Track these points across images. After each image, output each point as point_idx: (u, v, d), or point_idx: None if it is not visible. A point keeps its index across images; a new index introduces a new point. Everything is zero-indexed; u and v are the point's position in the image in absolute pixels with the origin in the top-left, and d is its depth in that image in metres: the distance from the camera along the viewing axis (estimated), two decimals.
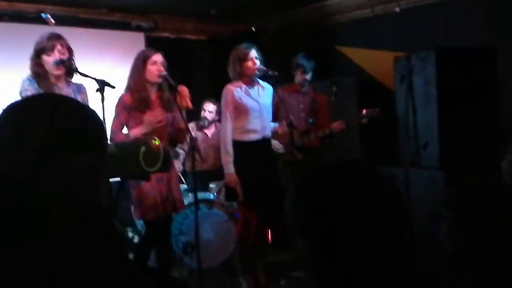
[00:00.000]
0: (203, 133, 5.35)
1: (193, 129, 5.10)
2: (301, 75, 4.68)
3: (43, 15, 4.94)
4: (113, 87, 3.23)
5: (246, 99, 4.03)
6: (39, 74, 3.30)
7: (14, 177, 0.89)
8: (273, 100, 4.25)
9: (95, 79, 3.22)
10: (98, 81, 3.20)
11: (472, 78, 4.09)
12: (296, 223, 1.05)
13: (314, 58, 4.77)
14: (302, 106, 4.72)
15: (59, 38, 3.35)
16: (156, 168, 3.19)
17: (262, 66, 4.01)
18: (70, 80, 3.43)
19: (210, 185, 5.03)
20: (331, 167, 1.10)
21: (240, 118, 4.02)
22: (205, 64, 6.64)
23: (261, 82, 4.12)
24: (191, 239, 4.28)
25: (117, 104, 3.62)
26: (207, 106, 5.33)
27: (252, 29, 6.38)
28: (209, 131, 5.38)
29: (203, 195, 4.72)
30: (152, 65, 3.60)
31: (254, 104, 4.05)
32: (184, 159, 5.24)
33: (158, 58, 3.63)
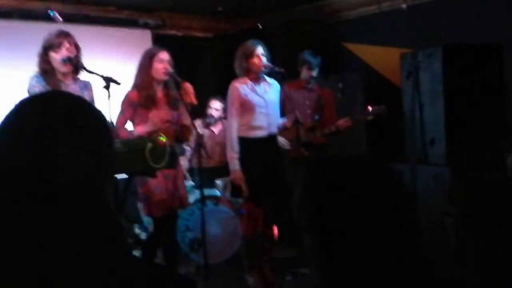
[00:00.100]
0: (210, 130, 5.36)
1: (199, 126, 5.11)
2: (307, 72, 4.67)
3: (51, 13, 4.95)
4: (118, 84, 3.25)
5: (252, 96, 4.03)
6: (47, 71, 3.32)
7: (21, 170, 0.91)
8: (280, 96, 4.25)
9: (102, 76, 3.24)
10: (104, 78, 3.22)
11: (478, 74, 4.09)
12: (303, 219, 1.06)
13: (320, 55, 4.77)
14: (308, 103, 4.71)
15: (67, 35, 3.36)
16: (162, 164, 3.21)
17: (269, 63, 4.01)
18: (77, 77, 3.45)
19: (216, 181, 5.04)
20: (338, 163, 1.11)
21: (246, 114, 4.02)
22: (211, 61, 6.65)
23: (267, 79, 4.12)
24: (198, 236, 4.30)
25: (123, 100, 3.64)
26: (213, 104, 5.34)
27: (258, 26, 6.38)
28: (215, 128, 5.39)
29: (209, 192, 4.73)
30: (158, 63, 3.61)
31: (260, 100, 4.05)
32: (190, 156, 5.25)
33: (165, 56, 3.63)
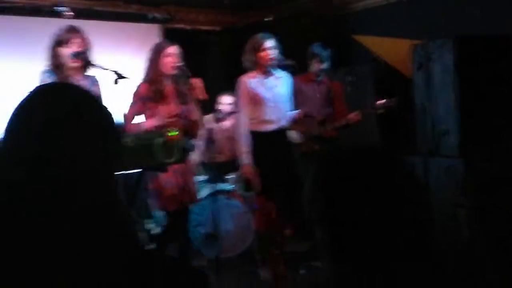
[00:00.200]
0: (220, 125, 5.35)
1: (209, 121, 5.11)
2: (317, 65, 4.63)
3: (60, 9, 4.97)
4: (128, 78, 3.25)
5: (260, 90, 4.01)
6: (56, 66, 3.34)
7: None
8: (292, 88, 4.22)
9: (111, 71, 3.24)
10: (114, 72, 3.22)
11: (490, 65, 4.04)
12: (314, 211, 1.05)
13: (330, 47, 4.72)
14: (318, 96, 4.67)
15: (77, 31, 3.37)
16: (173, 159, 3.21)
17: (278, 56, 3.99)
18: (86, 72, 3.46)
19: (228, 176, 5.04)
20: (349, 153, 1.09)
21: (255, 108, 4.00)
22: (219, 55, 6.63)
23: (277, 72, 4.09)
24: (210, 230, 4.30)
25: (134, 92, 3.63)
26: (223, 99, 5.33)
27: (266, 19, 6.35)
28: (225, 123, 5.38)
29: (221, 186, 4.73)
30: (167, 57, 3.60)
31: (269, 94, 4.02)
32: (201, 151, 5.26)
33: (173, 50, 3.62)
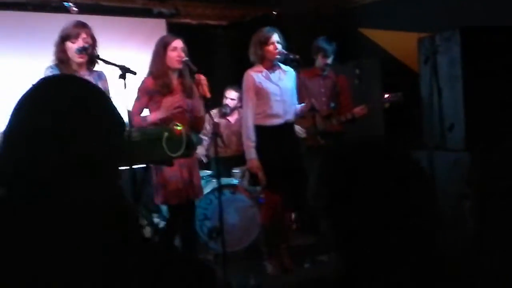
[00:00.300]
0: (226, 119, 5.35)
1: (215, 115, 5.11)
2: (322, 59, 4.62)
3: (66, 4, 4.99)
4: (134, 73, 3.25)
5: (266, 84, 4.01)
6: (63, 61, 3.35)
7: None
8: (296, 83, 4.22)
9: (118, 66, 3.25)
10: (120, 67, 3.23)
11: (497, 57, 4.01)
12: (319, 204, 1.05)
13: (336, 41, 4.71)
14: (323, 90, 4.67)
15: (85, 26, 3.39)
16: (179, 153, 3.22)
17: (284, 50, 3.98)
18: (92, 68, 3.47)
19: (233, 170, 5.05)
20: (353, 147, 1.09)
21: (261, 103, 4.01)
22: (226, 49, 6.63)
23: (282, 66, 4.09)
24: (216, 224, 4.31)
25: (139, 87, 3.63)
26: (229, 94, 5.33)
27: (273, 13, 6.33)
28: (231, 118, 5.39)
29: (227, 181, 4.74)
30: (172, 51, 3.60)
31: (275, 88, 4.03)
32: (207, 146, 5.26)
33: (178, 44, 3.62)
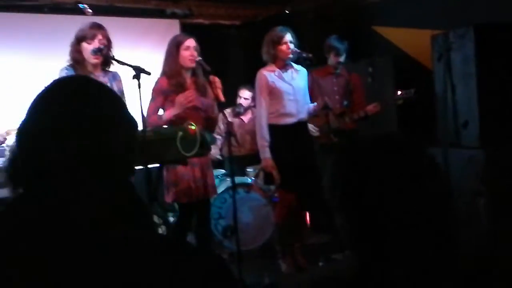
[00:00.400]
0: (239, 119, 5.37)
1: (229, 115, 5.13)
2: (334, 58, 4.62)
3: (81, 6, 5.03)
4: (149, 74, 3.27)
5: (279, 83, 4.02)
6: (78, 61, 3.39)
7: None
8: (308, 83, 4.23)
9: (132, 66, 3.28)
10: (134, 68, 3.26)
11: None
12: (333, 198, 1.06)
13: (349, 39, 4.70)
14: (336, 89, 4.67)
15: (101, 28, 3.42)
16: (193, 152, 3.24)
17: (296, 49, 3.99)
18: (106, 69, 3.50)
19: (247, 169, 5.07)
20: (368, 143, 1.10)
21: (274, 102, 4.02)
22: (239, 49, 6.64)
23: (294, 66, 4.11)
24: (230, 223, 4.33)
25: (154, 87, 3.65)
26: (243, 93, 5.35)
27: (286, 12, 6.33)
28: (245, 117, 5.41)
29: (241, 180, 4.76)
30: (185, 50, 3.62)
31: (288, 87, 4.04)
32: (221, 145, 5.29)
33: (191, 43, 3.64)
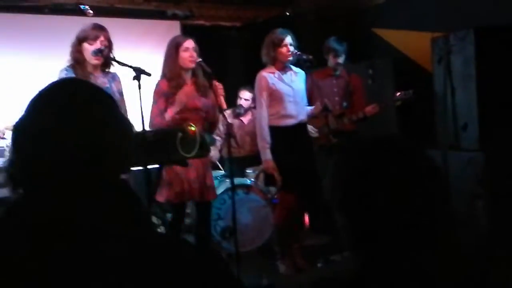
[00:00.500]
0: (239, 120, 5.38)
1: (229, 116, 5.13)
2: (333, 59, 4.63)
3: (82, 7, 5.04)
4: (149, 75, 3.28)
5: (280, 85, 4.03)
6: (78, 62, 3.40)
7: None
8: (306, 84, 4.25)
9: (132, 67, 3.29)
10: (135, 69, 3.27)
11: None
12: (334, 199, 1.07)
13: (350, 41, 4.71)
14: (336, 90, 4.67)
15: (103, 29, 3.44)
16: (193, 153, 3.24)
17: (296, 51, 4.00)
18: (106, 70, 3.51)
19: (247, 170, 5.07)
20: (368, 143, 1.11)
21: (275, 104, 4.02)
22: (240, 50, 6.65)
23: (293, 68, 4.12)
24: (229, 224, 4.34)
25: (154, 90, 3.63)
26: (243, 94, 5.36)
27: (287, 14, 6.34)
28: (245, 118, 5.41)
29: (240, 181, 4.76)
30: (184, 52, 3.61)
31: (288, 89, 4.05)
32: (221, 146, 5.29)
33: (190, 44, 3.63)
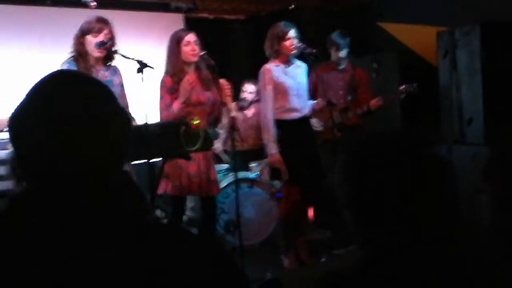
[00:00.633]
0: (243, 113, 5.36)
1: (233, 109, 5.12)
2: (335, 53, 4.61)
3: None
4: (152, 68, 3.28)
5: (284, 78, 4.01)
6: (81, 54, 3.39)
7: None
8: (310, 79, 4.23)
9: (135, 60, 3.28)
10: (138, 62, 3.26)
11: None
12: (342, 194, 1.06)
13: (354, 35, 4.69)
14: (340, 84, 4.66)
15: (107, 22, 3.43)
16: (196, 147, 3.25)
17: (301, 44, 3.98)
18: (108, 63, 3.50)
19: (251, 164, 5.06)
20: (378, 139, 1.10)
21: (280, 97, 4.01)
22: (243, 43, 6.63)
23: (296, 61, 4.10)
24: (233, 218, 4.34)
25: (160, 87, 3.62)
26: (247, 87, 5.34)
27: (291, 6, 6.31)
28: (248, 112, 5.39)
29: (244, 174, 4.75)
30: (186, 46, 3.59)
31: (292, 83, 4.03)
32: (224, 139, 5.28)
33: (191, 38, 3.61)
